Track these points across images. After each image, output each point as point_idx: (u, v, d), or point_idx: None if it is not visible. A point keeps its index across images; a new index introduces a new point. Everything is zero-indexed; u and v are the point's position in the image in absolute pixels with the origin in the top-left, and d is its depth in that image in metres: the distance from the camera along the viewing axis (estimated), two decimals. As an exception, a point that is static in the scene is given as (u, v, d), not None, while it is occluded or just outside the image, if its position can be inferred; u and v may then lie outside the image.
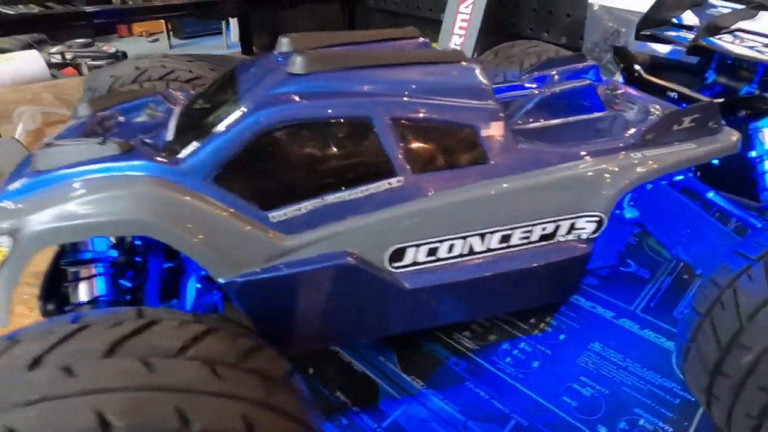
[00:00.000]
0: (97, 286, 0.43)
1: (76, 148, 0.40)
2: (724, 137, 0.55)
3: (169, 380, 0.26)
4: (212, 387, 0.27)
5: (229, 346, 0.31)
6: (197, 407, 0.26)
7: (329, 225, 0.43)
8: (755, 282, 0.44)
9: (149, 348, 0.28)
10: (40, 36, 2.09)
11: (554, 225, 0.49)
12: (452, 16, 1.15)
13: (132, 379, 0.26)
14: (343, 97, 0.43)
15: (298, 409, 0.31)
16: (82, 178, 0.38)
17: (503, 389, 0.61)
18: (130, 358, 0.27)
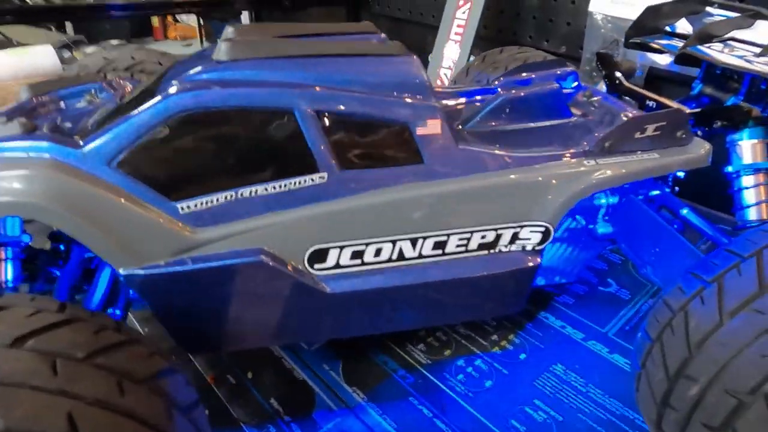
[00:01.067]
0: (4, 271, 0.42)
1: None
2: (693, 149, 0.51)
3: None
4: (40, 381, 0.25)
5: (82, 340, 0.29)
6: (10, 401, 0.24)
7: (243, 220, 0.41)
8: (707, 306, 0.40)
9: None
10: (77, 37, 2.15)
11: (495, 233, 0.46)
12: (448, 22, 1.12)
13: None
14: (265, 87, 0.41)
15: (153, 414, 0.29)
16: (-21, 158, 0.37)
17: (448, 408, 0.57)
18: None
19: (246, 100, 0.40)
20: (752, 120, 0.54)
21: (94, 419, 0.26)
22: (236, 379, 0.59)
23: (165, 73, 0.46)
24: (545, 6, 1.13)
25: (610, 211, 0.65)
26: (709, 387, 0.38)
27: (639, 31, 0.75)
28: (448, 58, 1.13)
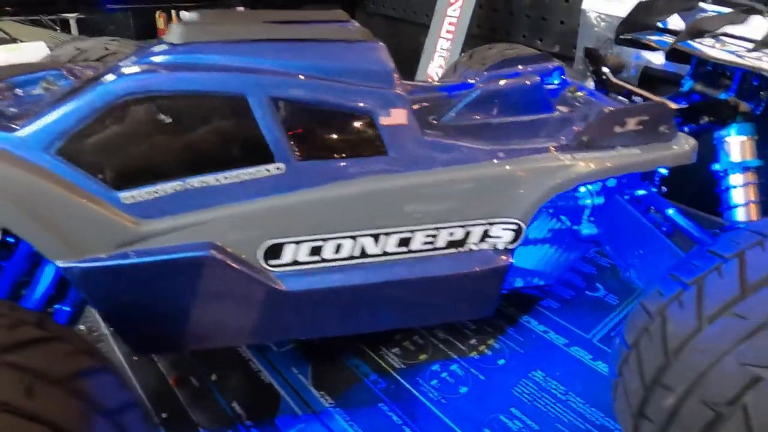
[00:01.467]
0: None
1: None
2: (677, 145, 0.48)
3: None
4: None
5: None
6: None
7: (192, 212, 0.39)
8: (686, 310, 0.37)
9: None
10: (80, 37, 2.14)
11: (464, 231, 0.43)
12: (440, 19, 1.10)
13: None
14: (217, 71, 0.38)
15: (68, 418, 0.26)
16: None
17: (419, 415, 0.54)
18: None
19: (195, 84, 0.38)
20: (740, 116, 0.51)
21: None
22: (199, 381, 0.57)
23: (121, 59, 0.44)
24: (538, 4, 1.10)
25: (595, 212, 0.62)
26: (686, 397, 0.35)
27: (630, 27, 0.73)
28: (440, 56, 1.11)
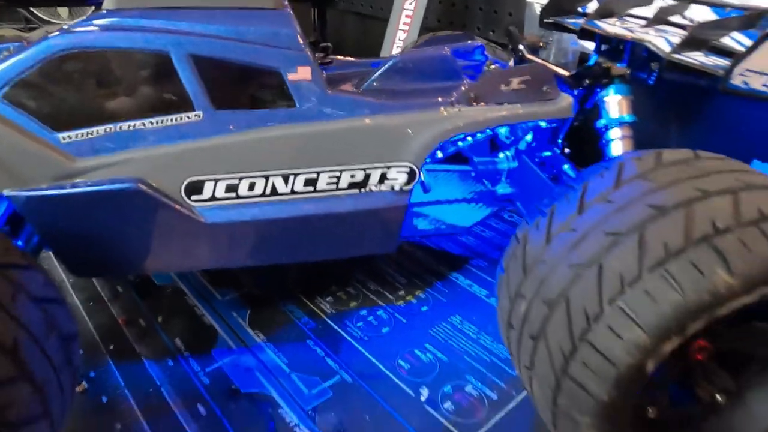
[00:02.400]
0: None
1: None
2: (557, 101, 0.55)
3: None
4: None
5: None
6: None
7: (122, 151, 0.45)
8: (540, 231, 0.44)
9: None
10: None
11: (364, 173, 0.50)
12: (398, 12, 1.17)
13: None
14: (143, 31, 0.45)
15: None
16: None
17: (342, 349, 0.60)
18: None
19: (124, 42, 0.45)
20: (617, 78, 0.58)
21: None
22: (146, 322, 0.63)
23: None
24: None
25: (510, 174, 0.69)
26: (533, 301, 0.42)
27: (553, 12, 0.80)
28: (397, 47, 1.18)
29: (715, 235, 0.34)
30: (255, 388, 0.54)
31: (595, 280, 0.37)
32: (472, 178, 0.70)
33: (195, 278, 0.71)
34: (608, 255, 0.37)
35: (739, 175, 0.39)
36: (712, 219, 0.35)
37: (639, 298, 0.34)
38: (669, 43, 0.59)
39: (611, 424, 0.38)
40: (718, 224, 0.34)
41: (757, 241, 0.33)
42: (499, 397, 0.55)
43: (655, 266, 0.34)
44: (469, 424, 0.51)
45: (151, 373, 0.56)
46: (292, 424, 0.51)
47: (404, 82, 0.59)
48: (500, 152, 0.69)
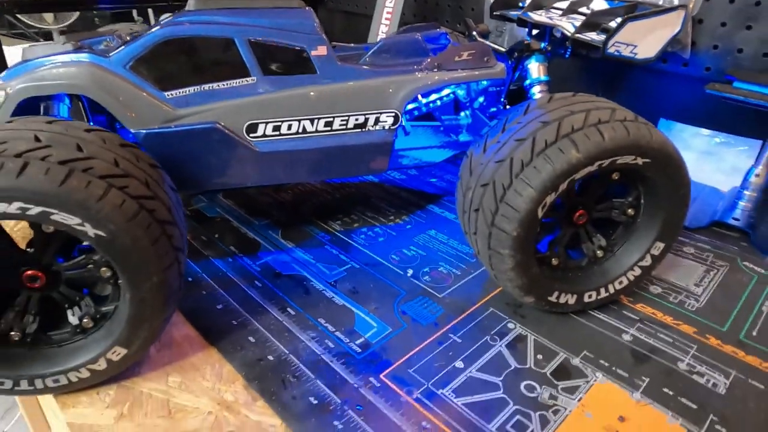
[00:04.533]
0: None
1: (48, 47, 0.66)
2: (495, 67, 0.80)
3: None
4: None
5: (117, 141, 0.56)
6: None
7: (205, 104, 0.69)
8: (479, 147, 0.68)
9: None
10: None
11: (364, 117, 0.74)
12: (381, 8, 1.41)
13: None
14: (217, 24, 0.69)
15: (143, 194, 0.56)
16: (49, 61, 0.64)
17: (350, 250, 0.84)
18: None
19: (206, 31, 0.68)
20: (536, 51, 0.83)
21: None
22: (207, 237, 0.87)
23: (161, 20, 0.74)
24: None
25: (468, 128, 0.93)
26: (475, 189, 0.66)
27: (500, 6, 1.05)
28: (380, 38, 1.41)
29: (572, 133, 0.59)
30: (292, 271, 0.78)
31: (508, 166, 0.61)
32: (441, 131, 0.94)
33: (235, 211, 0.95)
34: (516, 151, 0.61)
35: (593, 103, 0.63)
36: (572, 124, 0.59)
37: (531, 171, 0.59)
38: (574, 26, 0.84)
39: (521, 253, 0.62)
40: (575, 126, 0.59)
41: (594, 135, 0.58)
42: (461, 273, 0.79)
43: (539, 152, 0.59)
44: (440, 287, 0.76)
45: (218, 265, 0.79)
46: (320, 289, 0.74)
47: (389, 59, 0.83)
48: (460, 112, 0.94)
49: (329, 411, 0.55)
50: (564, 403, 0.57)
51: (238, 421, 0.54)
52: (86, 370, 0.54)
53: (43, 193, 0.44)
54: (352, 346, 0.64)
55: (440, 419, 0.55)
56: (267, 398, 0.56)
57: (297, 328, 0.67)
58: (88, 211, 0.46)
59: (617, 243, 0.71)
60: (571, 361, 0.63)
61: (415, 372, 0.61)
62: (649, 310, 0.72)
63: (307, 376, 0.59)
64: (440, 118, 0.95)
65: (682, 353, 0.65)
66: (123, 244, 0.48)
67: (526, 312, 0.71)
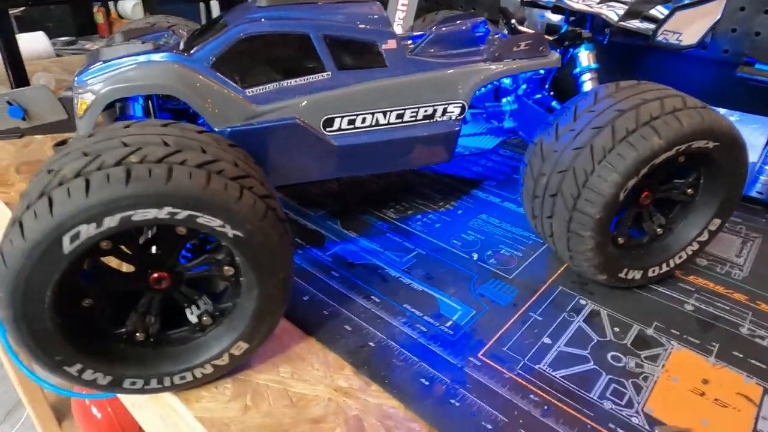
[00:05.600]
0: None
1: (127, 46, 0.65)
2: (550, 57, 0.83)
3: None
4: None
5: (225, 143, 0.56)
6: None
7: (284, 100, 0.69)
8: (551, 134, 0.71)
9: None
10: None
11: (432, 109, 0.76)
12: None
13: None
14: (292, 20, 0.69)
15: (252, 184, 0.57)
16: (132, 61, 0.64)
17: (412, 237, 0.87)
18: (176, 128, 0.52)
19: (281, 27, 0.68)
20: (585, 40, 0.86)
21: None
22: (270, 231, 0.88)
23: (224, 16, 0.74)
24: (470, -19, 1.44)
25: (512, 113, 0.97)
26: (551, 175, 0.69)
27: (530, -7, 1.07)
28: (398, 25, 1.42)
29: (651, 120, 0.63)
30: (364, 260, 0.80)
31: (589, 153, 0.65)
32: (483, 118, 0.97)
33: (289, 203, 0.96)
34: (595, 139, 0.65)
35: (662, 91, 0.67)
36: (650, 112, 0.63)
37: (615, 158, 0.62)
38: (617, 14, 0.88)
39: (601, 235, 0.66)
40: (653, 114, 0.63)
41: (673, 122, 0.62)
42: (522, 254, 0.83)
43: (621, 139, 0.63)
44: (507, 269, 0.80)
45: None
46: (395, 276, 0.77)
47: (440, 49, 0.85)
48: (503, 98, 0.97)
49: (442, 391, 0.58)
50: (650, 371, 0.62)
51: (359, 405, 0.57)
52: (210, 365, 0.56)
53: (191, 197, 0.46)
54: (443, 329, 0.67)
55: (545, 391, 0.59)
56: (379, 382, 0.59)
57: (387, 315, 0.69)
58: (229, 213, 0.48)
59: (676, 220, 0.76)
60: (646, 331, 0.68)
61: (509, 350, 0.65)
62: (702, 282, 0.78)
63: (411, 359, 0.63)
64: (483, 105, 0.98)
65: (741, 319, 0.71)
66: (257, 243, 0.50)
67: (593, 289, 0.76)
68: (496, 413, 0.56)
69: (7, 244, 0.43)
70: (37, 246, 0.42)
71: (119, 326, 0.53)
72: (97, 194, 0.43)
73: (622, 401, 0.58)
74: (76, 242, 0.43)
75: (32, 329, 0.46)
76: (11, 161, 1.07)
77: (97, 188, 0.43)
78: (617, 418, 0.56)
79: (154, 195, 0.44)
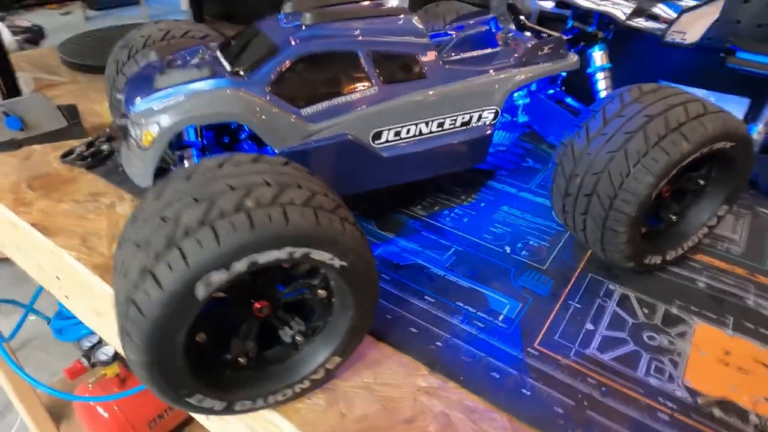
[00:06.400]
0: (194, 161, 0.69)
1: (183, 73, 0.65)
2: (570, 59, 0.88)
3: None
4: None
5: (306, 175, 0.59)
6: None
7: (336, 117, 0.72)
8: (581, 138, 0.78)
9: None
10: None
11: (469, 116, 0.80)
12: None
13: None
14: (340, 38, 0.71)
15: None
16: (192, 89, 0.64)
17: (446, 233, 0.92)
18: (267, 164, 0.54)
19: (331, 46, 0.70)
20: (599, 40, 0.92)
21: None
22: (310, 237, 0.91)
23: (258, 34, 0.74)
24: (460, -34, 1.46)
25: (525, 108, 1.02)
26: (585, 176, 0.76)
27: (533, -14, 1.11)
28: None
29: (679, 126, 0.69)
30: (408, 261, 0.85)
31: (623, 156, 0.71)
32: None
33: (318, 207, 0.98)
34: (628, 144, 0.71)
35: (683, 96, 0.74)
36: (677, 118, 0.70)
37: (649, 161, 0.69)
38: (623, 12, 0.94)
39: (634, 229, 0.74)
40: (680, 120, 0.70)
41: (698, 127, 0.69)
42: (549, 244, 0.90)
43: (653, 145, 0.69)
44: (539, 260, 0.87)
45: (337, 263, 0.84)
46: (441, 274, 0.83)
47: (464, 51, 0.88)
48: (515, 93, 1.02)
49: (512, 382, 0.65)
50: (681, 347, 0.71)
51: (443, 402, 0.63)
52: (308, 380, 0.60)
53: (306, 236, 0.49)
54: (497, 323, 0.74)
55: (599, 374, 0.67)
56: (455, 379, 0.65)
57: (444, 314, 0.75)
58: (337, 245, 0.51)
59: (688, 208, 0.84)
60: (671, 310, 0.77)
61: (559, 338, 0.72)
62: (707, 259, 0.88)
63: (477, 354, 0.69)
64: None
65: (745, 292, 0.81)
66: (358, 270, 0.54)
67: (618, 273, 0.84)
68: (563, 398, 0.64)
69: (142, 295, 0.45)
70: (174, 296, 0.45)
71: (222, 354, 0.56)
72: (226, 242, 0.45)
73: (665, 377, 0.67)
74: (209, 288, 0.46)
75: (165, 371, 0.48)
76: (18, 176, 1.04)
77: (225, 236, 0.45)
78: (664, 393, 0.65)
79: (276, 238, 0.47)
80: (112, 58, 0.92)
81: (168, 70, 0.66)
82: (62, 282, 0.92)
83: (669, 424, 0.61)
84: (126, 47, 0.91)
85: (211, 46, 0.81)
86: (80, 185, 1.01)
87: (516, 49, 0.87)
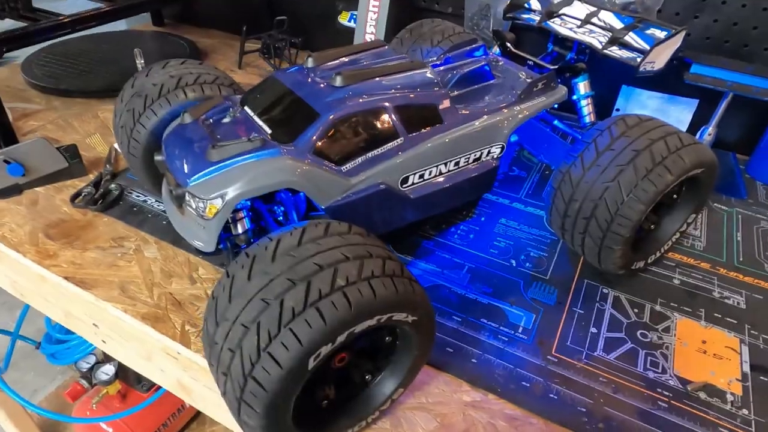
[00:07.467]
0: (246, 223, 0.75)
1: (234, 146, 0.70)
2: (560, 91, 0.99)
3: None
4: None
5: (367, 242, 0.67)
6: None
7: (370, 169, 0.79)
8: (577, 167, 0.89)
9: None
10: None
11: (479, 152, 0.90)
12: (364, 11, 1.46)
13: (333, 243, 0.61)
14: (371, 98, 0.77)
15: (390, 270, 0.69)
16: (246, 162, 0.70)
17: (457, 252, 1.03)
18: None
19: (366, 106, 0.77)
20: (582, 71, 1.03)
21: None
22: (337, 266, 0.99)
23: (286, 91, 0.79)
24: (434, -23, 1.51)
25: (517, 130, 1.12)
26: (583, 202, 0.88)
27: (511, 9, 1.20)
28: (370, 26, 1.48)
29: (663, 160, 0.82)
30: (429, 283, 0.95)
31: (618, 187, 0.83)
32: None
33: (337, 234, 1.06)
34: (621, 175, 0.83)
35: (662, 129, 0.87)
36: (660, 152, 0.83)
37: (639, 192, 0.82)
38: (599, 41, 1.05)
39: (627, 246, 0.87)
40: (663, 154, 0.82)
41: (678, 160, 0.82)
42: (547, 254, 1.03)
43: (643, 177, 0.82)
44: (541, 270, 0.99)
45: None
46: (461, 293, 0.93)
47: (463, 87, 0.97)
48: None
49: (541, 389, 0.78)
50: (668, 341, 0.86)
51: (487, 414, 0.74)
52: (378, 412, 0.70)
53: (390, 304, 0.57)
54: (518, 335, 0.86)
55: (608, 373, 0.80)
56: (495, 393, 0.77)
57: (473, 331, 0.86)
58: (411, 305, 0.60)
59: (663, 217, 0.99)
60: (655, 308, 0.92)
61: (571, 344, 0.85)
62: (678, 256, 1.04)
63: (508, 367, 0.81)
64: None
65: (711, 285, 0.97)
66: (424, 320, 0.63)
67: (609, 278, 0.98)
68: (583, 398, 0.77)
69: (262, 372, 0.53)
70: (291, 371, 0.53)
71: (311, 401, 0.65)
72: (331, 320, 0.53)
73: (659, 369, 0.82)
74: (318, 359, 0.54)
75: (279, 429, 0.57)
76: (33, 225, 1.04)
77: (329, 315, 0.53)
78: (660, 384, 0.79)
79: (368, 311, 0.56)
80: (126, 106, 0.94)
81: (219, 145, 0.71)
82: (100, 329, 0.96)
83: (668, 410, 0.76)
84: (140, 96, 0.93)
85: (233, 99, 0.85)
86: (100, 230, 1.04)
87: (510, 83, 0.96)
